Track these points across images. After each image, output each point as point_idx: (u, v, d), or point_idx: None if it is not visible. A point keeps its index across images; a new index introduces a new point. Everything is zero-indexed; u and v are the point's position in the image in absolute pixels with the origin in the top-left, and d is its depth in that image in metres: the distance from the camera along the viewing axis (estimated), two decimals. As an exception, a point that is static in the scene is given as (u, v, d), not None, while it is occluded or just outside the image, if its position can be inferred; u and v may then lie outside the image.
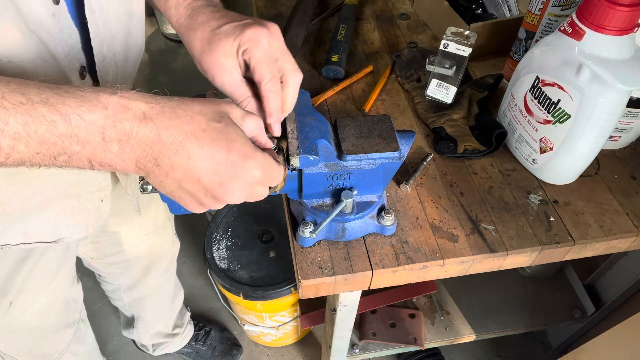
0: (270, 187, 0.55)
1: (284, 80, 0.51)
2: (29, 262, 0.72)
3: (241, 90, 0.51)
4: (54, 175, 0.64)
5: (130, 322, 1.32)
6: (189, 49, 0.54)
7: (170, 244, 1.16)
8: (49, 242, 0.71)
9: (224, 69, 0.50)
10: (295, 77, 0.52)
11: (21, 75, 0.45)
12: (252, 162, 0.44)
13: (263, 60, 0.49)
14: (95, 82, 0.61)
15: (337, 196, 0.63)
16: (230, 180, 0.44)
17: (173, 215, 1.14)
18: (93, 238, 0.96)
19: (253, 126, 0.47)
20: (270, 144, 0.50)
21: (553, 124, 0.69)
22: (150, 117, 0.40)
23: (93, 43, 0.57)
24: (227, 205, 1.49)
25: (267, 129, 0.52)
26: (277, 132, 0.52)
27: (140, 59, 0.70)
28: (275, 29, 0.50)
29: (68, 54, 0.53)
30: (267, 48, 0.49)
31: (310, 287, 0.64)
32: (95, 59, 0.58)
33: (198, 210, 0.48)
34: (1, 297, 0.72)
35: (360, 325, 1.16)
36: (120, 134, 0.39)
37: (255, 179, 0.45)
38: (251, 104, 0.52)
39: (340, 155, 0.57)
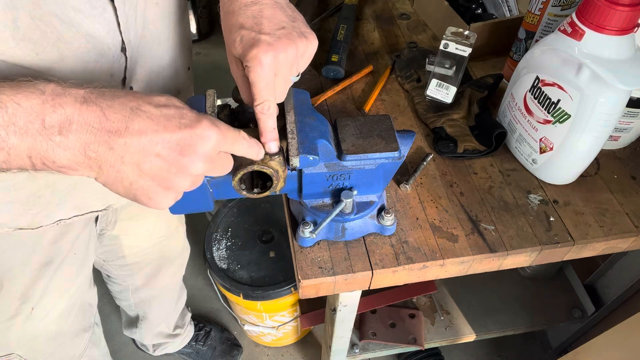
0: (269, 187, 0.55)
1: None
2: (52, 266, 0.72)
3: (239, 81, 0.52)
4: None
5: (133, 322, 1.32)
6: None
7: (181, 248, 1.16)
8: (100, 211, 0.70)
9: (232, 59, 0.51)
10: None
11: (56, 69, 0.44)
12: (204, 123, 0.43)
13: (258, 84, 0.47)
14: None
15: (337, 196, 0.62)
16: (189, 145, 0.42)
17: (184, 218, 1.14)
18: (106, 241, 0.96)
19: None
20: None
21: (553, 124, 0.69)
22: (91, 99, 0.39)
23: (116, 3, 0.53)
24: (227, 205, 1.48)
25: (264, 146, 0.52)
26: (274, 148, 0.52)
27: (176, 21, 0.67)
28: (281, 56, 0.47)
29: (110, 30, 0.51)
30: (267, 74, 0.47)
31: (310, 287, 0.64)
32: (120, 19, 0.53)
33: (171, 198, 0.44)
34: (24, 302, 0.72)
35: (360, 325, 1.16)
36: (62, 119, 0.38)
37: (213, 141, 0.43)
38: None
39: (340, 155, 0.57)
